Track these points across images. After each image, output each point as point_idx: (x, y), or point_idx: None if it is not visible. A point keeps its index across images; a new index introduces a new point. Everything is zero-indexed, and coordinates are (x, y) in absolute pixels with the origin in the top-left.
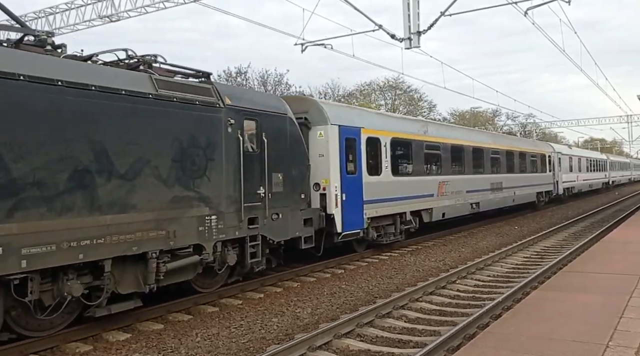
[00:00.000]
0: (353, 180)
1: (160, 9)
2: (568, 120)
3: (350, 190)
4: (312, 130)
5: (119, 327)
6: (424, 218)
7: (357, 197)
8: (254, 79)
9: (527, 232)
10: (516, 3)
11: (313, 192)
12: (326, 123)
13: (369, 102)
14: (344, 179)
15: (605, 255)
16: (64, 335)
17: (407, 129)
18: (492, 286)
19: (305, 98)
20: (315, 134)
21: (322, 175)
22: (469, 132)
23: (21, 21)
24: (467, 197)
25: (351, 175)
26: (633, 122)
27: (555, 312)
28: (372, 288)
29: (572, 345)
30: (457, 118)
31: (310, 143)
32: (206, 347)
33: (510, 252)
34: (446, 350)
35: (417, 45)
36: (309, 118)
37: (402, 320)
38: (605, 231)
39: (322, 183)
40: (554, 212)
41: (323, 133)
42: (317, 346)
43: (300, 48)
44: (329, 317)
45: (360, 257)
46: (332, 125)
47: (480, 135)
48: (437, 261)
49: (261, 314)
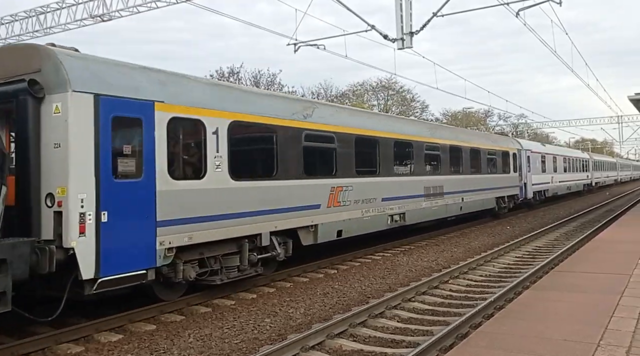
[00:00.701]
0: (130, 187)
1: (152, 9)
2: (559, 121)
3: (121, 204)
4: (45, 102)
5: (111, 328)
6: (304, 239)
7: (140, 216)
8: (246, 79)
9: (519, 232)
10: (508, 4)
11: (44, 209)
12: (65, 90)
13: (361, 102)
14: (107, 186)
15: (596, 255)
16: (56, 336)
17: (264, 110)
18: (484, 286)
19: (31, 47)
20: (49, 110)
21: (57, 180)
22: (389, 120)
23: None
24: (385, 207)
25: (125, 180)
26: (623, 123)
27: (547, 312)
28: (365, 288)
29: (563, 344)
30: (449, 119)
31: (43, 126)
32: (199, 348)
33: (502, 251)
34: (439, 350)
35: (410, 45)
36: (40, 81)
37: (395, 320)
38: (596, 231)
39: (57, 195)
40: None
41: (60, 108)
42: (310, 347)
43: (293, 48)
44: (322, 317)
45: (353, 257)
46: (77, 92)
47: (408, 125)
48: (429, 261)
49: (254, 314)
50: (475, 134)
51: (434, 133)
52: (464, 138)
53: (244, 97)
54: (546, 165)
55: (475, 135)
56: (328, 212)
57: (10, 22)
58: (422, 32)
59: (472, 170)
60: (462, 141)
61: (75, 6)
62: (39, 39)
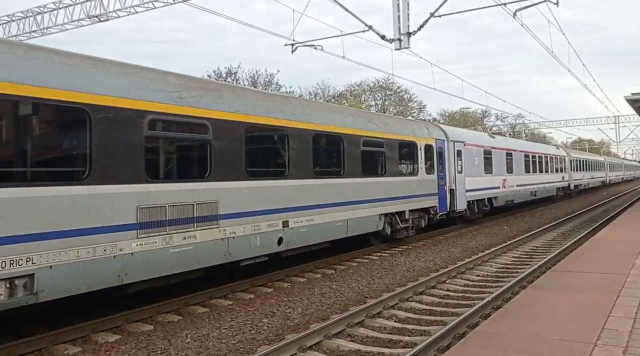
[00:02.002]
0: None
1: (150, 9)
2: (557, 121)
3: None
4: None
5: (108, 328)
6: None
7: None
8: (244, 79)
9: (516, 232)
10: (505, 4)
11: None
12: None
13: (359, 103)
14: None
15: (593, 255)
16: (53, 336)
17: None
18: (481, 286)
19: None
20: None
21: None
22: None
23: None
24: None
25: None
26: (620, 123)
27: (544, 311)
28: (363, 288)
29: (561, 344)
30: (447, 119)
31: None
32: (196, 348)
33: (499, 251)
34: (436, 350)
35: (407, 46)
36: None
37: (393, 319)
38: (594, 231)
39: None
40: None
41: None
42: (307, 347)
43: (291, 48)
44: (320, 317)
45: (350, 257)
46: None
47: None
48: (427, 261)
49: (251, 314)
50: (335, 110)
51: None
52: (300, 115)
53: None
54: (494, 164)
55: (335, 111)
56: None
57: (7, 22)
58: (419, 33)
59: (323, 170)
60: (294, 120)
61: (73, 6)
62: (36, 39)
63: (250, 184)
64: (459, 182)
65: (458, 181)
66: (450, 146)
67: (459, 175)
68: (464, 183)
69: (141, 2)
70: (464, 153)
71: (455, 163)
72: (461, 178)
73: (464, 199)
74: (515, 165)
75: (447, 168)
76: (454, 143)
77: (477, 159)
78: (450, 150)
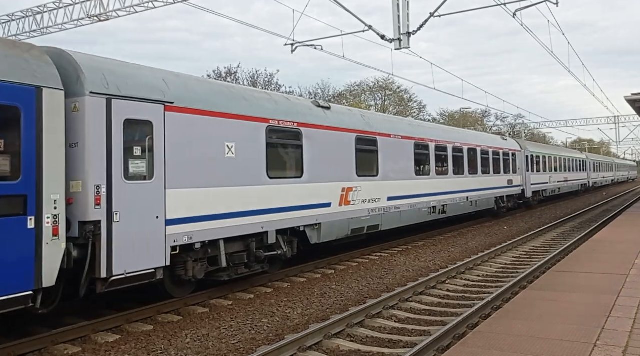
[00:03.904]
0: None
1: (150, 9)
2: (557, 121)
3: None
4: None
5: (108, 328)
6: None
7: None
8: (244, 79)
9: (516, 232)
10: (505, 4)
11: None
12: None
13: (359, 103)
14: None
15: (593, 255)
16: (53, 336)
17: None
18: (481, 286)
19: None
20: None
21: None
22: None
23: None
24: None
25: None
26: (620, 123)
27: (544, 312)
28: (363, 289)
29: (561, 344)
30: (446, 119)
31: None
32: (196, 348)
33: (499, 252)
34: (436, 350)
35: (407, 46)
36: None
37: (392, 320)
38: (593, 231)
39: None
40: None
41: None
42: (307, 347)
43: (291, 48)
44: (320, 318)
45: (350, 257)
46: None
47: None
48: (427, 261)
49: (251, 315)
50: (483, 137)
51: None
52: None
53: None
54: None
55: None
56: None
57: (7, 22)
58: (419, 33)
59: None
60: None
61: (73, 6)
62: (35, 39)
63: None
64: (528, 178)
65: (527, 178)
66: (523, 154)
67: (527, 174)
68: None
69: (141, 2)
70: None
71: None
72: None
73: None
74: (429, 164)
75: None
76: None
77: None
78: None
